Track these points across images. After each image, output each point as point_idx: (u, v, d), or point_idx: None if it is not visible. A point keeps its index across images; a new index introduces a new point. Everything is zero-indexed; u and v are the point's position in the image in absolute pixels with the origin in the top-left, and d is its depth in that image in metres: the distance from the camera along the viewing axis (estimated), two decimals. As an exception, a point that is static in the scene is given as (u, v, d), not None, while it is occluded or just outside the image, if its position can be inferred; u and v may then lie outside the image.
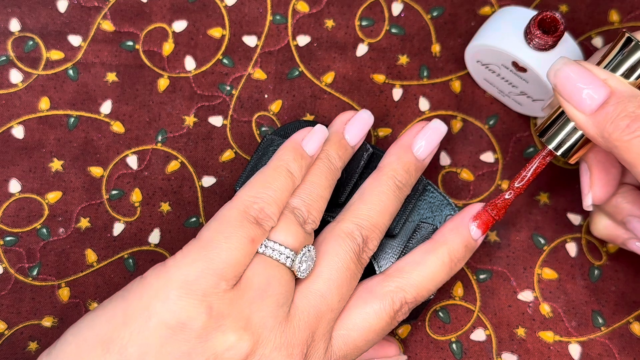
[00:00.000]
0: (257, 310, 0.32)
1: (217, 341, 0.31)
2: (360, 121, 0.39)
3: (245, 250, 0.32)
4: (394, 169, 0.37)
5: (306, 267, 0.34)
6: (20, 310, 0.41)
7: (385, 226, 0.37)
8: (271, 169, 0.35)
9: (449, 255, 0.36)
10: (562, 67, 0.32)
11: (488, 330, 0.41)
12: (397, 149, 0.38)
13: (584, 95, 0.32)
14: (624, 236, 0.38)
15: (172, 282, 0.31)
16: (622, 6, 0.44)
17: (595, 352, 0.40)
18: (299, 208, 0.35)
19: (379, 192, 0.37)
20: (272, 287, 0.33)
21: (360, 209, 0.36)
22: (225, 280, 0.31)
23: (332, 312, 0.34)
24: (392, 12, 0.45)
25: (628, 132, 0.30)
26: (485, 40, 0.39)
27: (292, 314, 0.33)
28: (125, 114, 0.43)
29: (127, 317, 0.30)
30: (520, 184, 0.36)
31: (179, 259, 0.32)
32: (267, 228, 0.33)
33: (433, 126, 0.39)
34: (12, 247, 0.42)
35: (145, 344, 0.30)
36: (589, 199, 0.36)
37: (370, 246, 0.36)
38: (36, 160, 0.43)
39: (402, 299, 0.35)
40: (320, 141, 0.37)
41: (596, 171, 0.36)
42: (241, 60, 0.44)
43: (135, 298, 0.31)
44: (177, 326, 0.30)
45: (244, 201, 0.34)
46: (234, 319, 0.31)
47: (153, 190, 0.43)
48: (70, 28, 0.44)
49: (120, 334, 0.30)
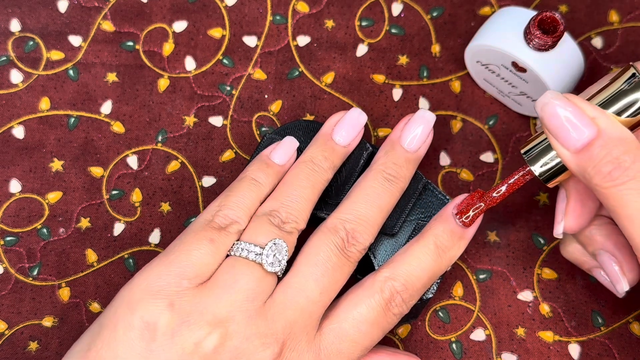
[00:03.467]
0: (224, 305, 0.33)
1: (184, 337, 0.32)
2: (350, 120, 0.39)
3: (205, 250, 0.34)
4: (382, 163, 0.38)
5: (274, 260, 0.34)
6: (20, 310, 0.41)
7: (375, 219, 0.36)
8: (236, 181, 0.37)
9: (434, 242, 0.36)
10: (550, 101, 0.31)
11: (488, 330, 0.41)
12: (385, 144, 0.39)
13: (570, 133, 0.31)
14: (591, 264, 0.37)
15: (135, 288, 0.33)
16: (622, 6, 0.44)
17: (595, 352, 0.40)
18: (276, 210, 0.36)
19: (366, 186, 0.37)
20: (240, 283, 0.33)
21: (345, 204, 0.37)
22: (186, 279, 0.33)
23: (313, 304, 0.34)
24: (392, 13, 0.45)
25: (609, 179, 0.30)
26: (485, 41, 0.39)
27: (266, 307, 0.33)
28: (125, 114, 0.44)
29: (100, 328, 0.33)
30: (496, 194, 0.35)
31: (144, 269, 0.34)
32: (232, 231, 0.35)
33: (419, 115, 0.39)
34: (13, 247, 0.42)
35: (116, 348, 0.32)
36: (560, 227, 0.36)
37: (359, 239, 0.36)
38: (36, 160, 0.43)
39: (391, 287, 0.35)
40: (288, 150, 0.38)
41: (573, 201, 0.35)
42: (241, 61, 0.44)
43: (108, 310, 0.33)
44: (143, 327, 0.32)
45: (210, 212, 0.35)
46: (199, 314, 0.32)
47: (153, 190, 0.43)
48: (70, 28, 0.44)
49: (95, 343, 0.32)
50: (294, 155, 0.38)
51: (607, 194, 0.30)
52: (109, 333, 0.32)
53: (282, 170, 0.38)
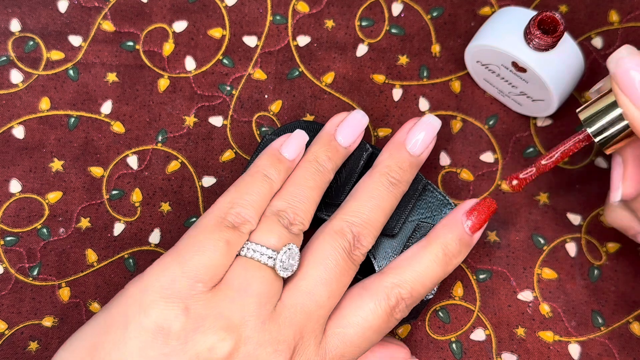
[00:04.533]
0: (237, 310, 0.32)
1: (198, 342, 0.31)
2: (353, 122, 0.39)
3: (220, 252, 0.33)
4: (387, 166, 0.37)
5: (288, 265, 0.34)
6: (20, 310, 0.41)
7: (379, 223, 0.36)
8: (248, 175, 0.36)
9: (443, 250, 0.36)
10: (626, 58, 0.31)
11: (488, 330, 0.41)
12: (389, 146, 0.38)
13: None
14: (638, 229, 0.36)
15: (147, 288, 0.32)
16: (622, 6, 0.44)
17: (595, 352, 0.40)
18: (284, 210, 0.35)
19: (371, 189, 0.37)
20: (253, 287, 0.33)
21: (351, 206, 0.36)
22: (201, 282, 0.32)
23: (321, 309, 0.34)
24: (392, 13, 0.45)
25: None
26: (485, 41, 0.39)
27: (277, 312, 0.33)
28: (125, 114, 0.44)
29: (108, 327, 0.32)
30: (547, 162, 0.35)
31: (154, 267, 0.33)
32: (244, 231, 0.34)
33: (425, 121, 0.39)
34: (13, 247, 0.42)
35: (125, 350, 0.31)
36: (618, 194, 0.35)
37: (364, 243, 0.36)
38: (36, 160, 0.43)
39: (398, 295, 0.35)
40: (298, 145, 0.37)
41: (631, 167, 0.35)
42: (241, 61, 0.44)
43: (115, 308, 0.32)
44: (156, 330, 0.31)
45: (221, 208, 0.34)
46: (213, 319, 0.32)
47: (153, 190, 0.43)
48: (70, 28, 0.44)
49: (102, 343, 0.31)
50: (303, 150, 0.38)
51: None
52: (118, 334, 0.31)
53: (292, 165, 0.37)
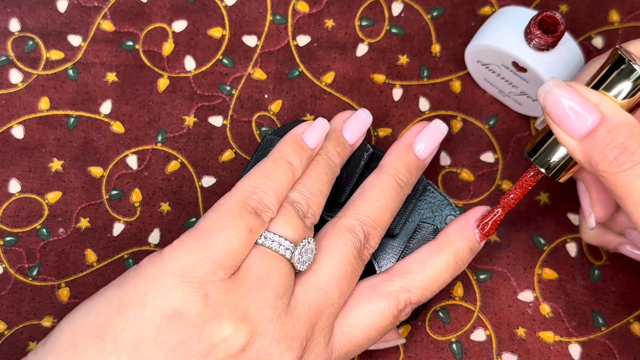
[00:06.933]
0: (255, 301, 0.32)
1: (214, 331, 0.31)
2: (359, 120, 0.39)
3: (243, 239, 0.32)
4: (395, 167, 0.37)
5: (306, 259, 0.34)
6: (20, 311, 0.41)
7: (386, 224, 0.36)
8: (271, 160, 0.35)
9: (454, 258, 0.36)
10: (552, 89, 0.31)
11: (488, 331, 0.41)
12: (398, 148, 0.38)
13: (574, 120, 0.30)
14: (616, 242, 0.37)
15: (168, 270, 0.31)
16: (622, 6, 0.44)
17: (596, 352, 0.40)
18: (299, 202, 0.35)
19: (380, 189, 0.37)
20: (271, 278, 0.32)
21: (362, 205, 0.36)
22: (222, 269, 0.31)
23: (332, 306, 0.34)
24: (392, 12, 0.45)
25: (615, 164, 0.29)
26: (485, 40, 0.39)
27: (292, 307, 0.33)
28: (125, 114, 0.43)
29: (122, 305, 0.30)
30: (508, 200, 0.35)
31: (175, 248, 0.32)
32: (265, 219, 0.33)
33: (434, 126, 0.39)
34: (12, 247, 0.42)
35: (140, 332, 0.30)
36: (591, 220, 0.35)
37: (372, 243, 0.36)
38: (36, 160, 0.43)
39: (407, 299, 0.35)
40: (321, 134, 0.37)
41: (595, 192, 0.35)
42: (241, 60, 0.44)
43: (131, 286, 0.31)
44: (172, 314, 0.30)
45: (243, 192, 0.34)
46: (231, 308, 0.31)
47: (153, 190, 0.43)
48: (70, 28, 0.44)
49: (115, 322, 0.30)
50: (323, 139, 0.37)
51: (613, 180, 0.30)
52: (133, 314, 0.30)
53: (312, 154, 0.37)
